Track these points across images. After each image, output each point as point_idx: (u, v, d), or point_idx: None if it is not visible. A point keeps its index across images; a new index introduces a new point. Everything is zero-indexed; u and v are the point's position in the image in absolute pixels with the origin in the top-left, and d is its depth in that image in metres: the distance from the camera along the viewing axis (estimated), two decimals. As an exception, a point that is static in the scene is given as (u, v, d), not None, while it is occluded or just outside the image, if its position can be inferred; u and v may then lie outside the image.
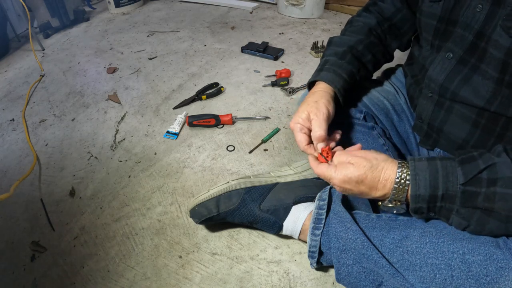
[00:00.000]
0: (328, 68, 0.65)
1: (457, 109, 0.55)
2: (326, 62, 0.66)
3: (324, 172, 0.52)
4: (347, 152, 0.53)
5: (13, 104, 1.21)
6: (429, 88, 0.58)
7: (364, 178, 0.48)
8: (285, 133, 1.01)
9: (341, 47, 0.67)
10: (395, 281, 0.50)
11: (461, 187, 0.43)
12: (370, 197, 0.50)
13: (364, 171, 0.48)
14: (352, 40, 0.67)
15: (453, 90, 0.54)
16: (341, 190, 0.52)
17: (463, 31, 0.51)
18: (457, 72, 0.53)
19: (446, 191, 0.43)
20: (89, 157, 0.96)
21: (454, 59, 0.53)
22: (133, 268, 0.68)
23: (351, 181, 0.49)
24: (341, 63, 0.65)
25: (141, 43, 1.61)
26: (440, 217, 0.47)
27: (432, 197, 0.44)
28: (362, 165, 0.48)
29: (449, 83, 0.54)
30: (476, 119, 0.53)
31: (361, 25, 0.70)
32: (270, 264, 0.68)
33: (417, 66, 0.65)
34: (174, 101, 1.17)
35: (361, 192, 0.50)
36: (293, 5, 1.79)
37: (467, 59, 0.52)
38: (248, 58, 1.43)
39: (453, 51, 0.53)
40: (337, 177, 0.50)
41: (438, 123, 0.59)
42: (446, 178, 0.43)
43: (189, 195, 0.83)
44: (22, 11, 1.59)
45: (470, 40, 0.50)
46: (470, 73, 0.51)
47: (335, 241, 0.57)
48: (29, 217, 0.80)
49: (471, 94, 0.51)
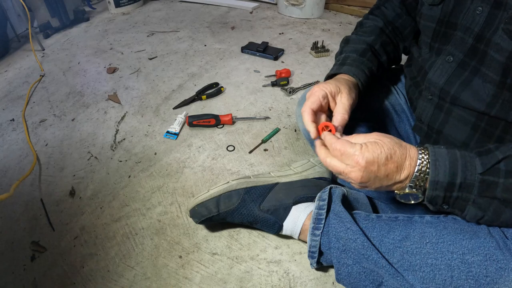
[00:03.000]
0: (350, 63, 0.64)
1: (457, 112, 0.55)
2: (347, 58, 0.65)
3: (346, 149, 0.45)
4: (359, 135, 0.48)
5: (13, 104, 1.21)
6: (429, 91, 0.58)
7: (393, 153, 0.44)
8: (285, 133, 1.01)
9: (360, 44, 0.67)
10: (395, 281, 0.50)
11: (479, 176, 0.42)
12: (393, 181, 0.46)
13: (392, 145, 0.45)
14: (369, 39, 0.68)
15: (454, 94, 0.53)
16: (363, 177, 0.45)
17: (463, 34, 0.51)
18: (458, 75, 0.53)
19: (464, 179, 0.43)
20: (89, 157, 0.96)
21: (454, 63, 0.53)
22: (133, 268, 0.68)
23: (380, 158, 0.44)
24: (363, 60, 0.65)
25: (141, 43, 1.61)
26: (454, 209, 0.45)
27: (450, 185, 0.43)
28: (386, 141, 0.45)
29: (450, 87, 0.54)
30: (476, 122, 0.53)
31: (372, 26, 0.70)
32: (270, 264, 0.68)
33: (415, 68, 0.65)
34: (174, 101, 1.17)
35: (387, 173, 0.45)
36: (293, 5, 1.79)
37: (467, 62, 0.51)
38: (248, 58, 1.43)
39: (453, 54, 0.53)
40: (365, 155, 0.44)
41: (438, 125, 0.59)
42: (465, 167, 0.43)
43: (189, 195, 0.83)
44: (22, 11, 1.59)
45: (470, 43, 0.50)
46: (471, 76, 0.51)
47: (335, 241, 0.57)
48: (29, 217, 0.80)
49: (471, 97, 0.51)
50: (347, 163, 0.46)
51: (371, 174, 0.45)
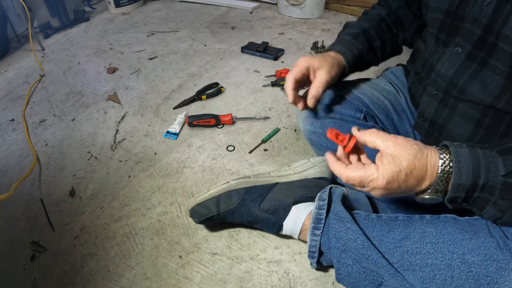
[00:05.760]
0: (341, 43, 0.70)
1: (461, 107, 0.55)
2: (341, 40, 0.72)
3: (362, 176, 0.44)
4: (372, 139, 0.46)
5: (13, 104, 1.21)
6: (435, 84, 0.57)
7: (413, 168, 0.42)
8: (285, 133, 1.01)
9: (355, 29, 0.72)
10: (395, 281, 0.50)
11: (502, 178, 0.41)
12: (414, 192, 0.45)
13: (411, 159, 0.42)
14: (366, 25, 0.72)
15: (462, 86, 0.53)
16: (383, 193, 0.45)
17: (471, 25, 0.51)
18: (466, 67, 0.52)
19: (486, 181, 0.41)
20: (89, 157, 0.96)
21: (463, 54, 0.53)
22: (133, 268, 0.68)
23: (400, 176, 0.42)
24: (354, 42, 0.70)
25: (141, 43, 1.61)
26: (473, 207, 0.45)
27: (472, 186, 0.42)
28: (406, 154, 0.42)
29: (458, 79, 0.54)
30: (480, 118, 0.53)
31: (374, 14, 0.75)
32: (270, 264, 0.68)
33: (420, 63, 0.65)
34: (174, 101, 1.17)
35: (408, 187, 0.44)
36: (293, 5, 1.79)
37: (475, 54, 0.51)
38: (248, 58, 1.43)
39: (462, 45, 0.53)
40: (384, 176, 0.43)
41: (441, 121, 0.59)
42: (487, 169, 0.41)
43: (189, 195, 0.83)
44: (22, 11, 1.59)
45: (478, 35, 0.50)
46: (479, 68, 0.51)
47: (335, 241, 0.57)
48: (29, 217, 0.80)
49: (479, 89, 0.51)
50: (366, 187, 0.46)
51: (391, 190, 0.44)
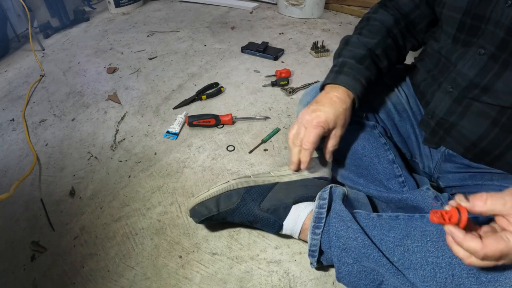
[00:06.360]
0: (347, 72, 0.63)
1: (477, 105, 0.54)
2: (345, 65, 0.64)
3: (503, 249, 0.38)
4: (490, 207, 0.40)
5: (13, 104, 1.21)
6: (454, 82, 0.57)
7: None
8: (285, 133, 1.01)
9: (360, 49, 0.65)
10: (395, 280, 0.50)
11: None
12: None
13: None
14: (371, 42, 0.65)
15: (484, 86, 0.53)
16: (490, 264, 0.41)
17: (493, 27, 0.50)
18: (489, 68, 0.52)
19: None
20: (89, 157, 0.96)
21: (485, 56, 0.52)
22: (133, 268, 0.68)
23: (503, 253, 0.38)
24: (361, 68, 0.63)
25: (141, 43, 1.61)
26: None
27: None
28: None
29: (481, 79, 0.53)
30: (496, 117, 0.52)
31: (378, 25, 0.67)
32: (270, 264, 0.68)
33: (432, 61, 0.63)
34: (174, 101, 1.17)
35: None
36: (293, 5, 1.79)
37: (498, 55, 0.51)
38: (248, 58, 1.43)
39: (484, 47, 0.52)
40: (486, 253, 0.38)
41: (454, 118, 0.58)
42: None
43: (189, 195, 0.83)
44: (22, 11, 1.59)
45: (501, 37, 0.49)
46: (502, 69, 0.50)
47: (335, 240, 0.57)
48: (29, 217, 0.80)
49: (502, 90, 0.51)
50: (504, 259, 0.41)
51: None
